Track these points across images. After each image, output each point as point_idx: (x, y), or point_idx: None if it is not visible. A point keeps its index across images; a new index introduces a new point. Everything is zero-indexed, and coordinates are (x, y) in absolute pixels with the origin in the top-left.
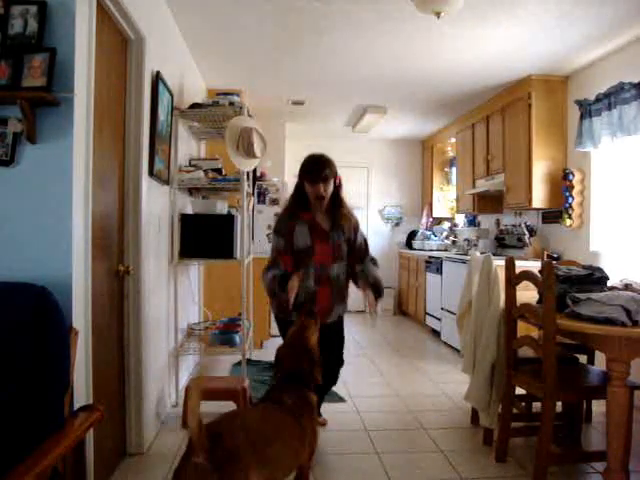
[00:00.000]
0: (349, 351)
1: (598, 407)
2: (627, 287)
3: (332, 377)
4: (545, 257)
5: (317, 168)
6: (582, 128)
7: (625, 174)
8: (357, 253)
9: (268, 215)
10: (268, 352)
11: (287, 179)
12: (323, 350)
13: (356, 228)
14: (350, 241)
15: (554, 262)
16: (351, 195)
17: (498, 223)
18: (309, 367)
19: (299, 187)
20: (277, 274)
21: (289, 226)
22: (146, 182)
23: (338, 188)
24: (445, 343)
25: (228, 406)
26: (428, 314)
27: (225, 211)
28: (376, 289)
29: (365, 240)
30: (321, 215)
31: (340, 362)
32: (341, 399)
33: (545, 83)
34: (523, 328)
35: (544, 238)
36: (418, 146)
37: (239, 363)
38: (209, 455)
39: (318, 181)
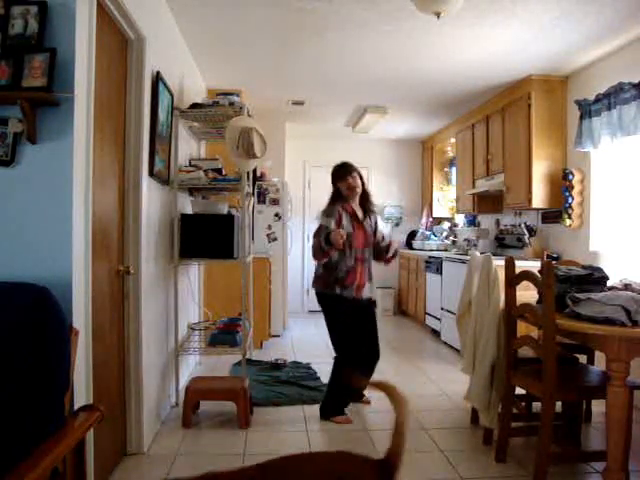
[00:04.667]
0: None
1: (598, 407)
2: (627, 287)
3: (373, 352)
4: (545, 257)
5: (343, 167)
6: (582, 128)
7: (625, 174)
8: (378, 238)
9: (268, 215)
10: (268, 352)
11: (287, 179)
12: (360, 326)
13: (376, 216)
14: (374, 228)
15: (554, 262)
16: None
17: (498, 223)
18: None
19: (335, 190)
20: (322, 234)
21: (338, 212)
22: (146, 182)
23: (364, 185)
24: (445, 343)
25: (228, 406)
26: (428, 314)
27: (225, 211)
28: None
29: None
30: (355, 207)
31: (376, 355)
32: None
33: (545, 83)
34: (523, 328)
35: (544, 238)
36: (418, 146)
37: (239, 363)
38: None
39: (347, 175)
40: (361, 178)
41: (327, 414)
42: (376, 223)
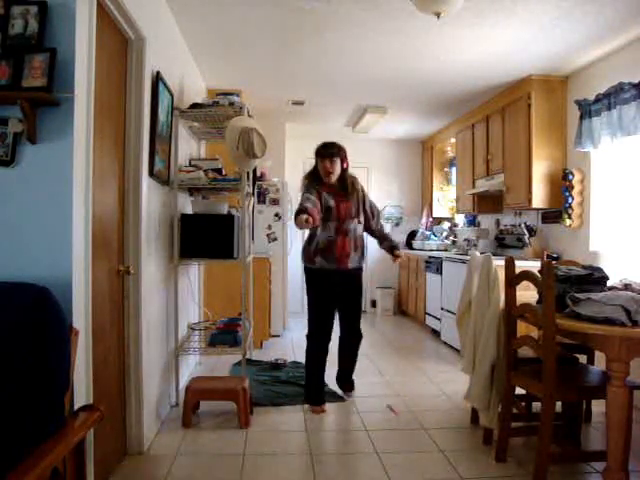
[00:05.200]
0: None
1: (598, 407)
2: (627, 287)
3: (353, 332)
4: (545, 257)
5: (325, 148)
6: (582, 128)
7: (625, 174)
8: (370, 214)
9: (268, 215)
10: (268, 352)
11: (287, 179)
12: (343, 298)
13: (364, 194)
14: (360, 204)
15: (554, 262)
16: None
17: (498, 223)
18: None
19: (314, 166)
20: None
21: (317, 190)
22: (146, 182)
23: (344, 171)
24: (445, 343)
25: (228, 406)
26: (428, 314)
27: (225, 211)
28: (394, 248)
29: (373, 203)
30: (334, 186)
31: (357, 335)
32: (341, 399)
33: (545, 83)
34: (523, 328)
35: (544, 238)
36: (418, 146)
37: (239, 363)
38: None
39: (325, 159)
40: (343, 162)
41: (305, 400)
42: (364, 198)
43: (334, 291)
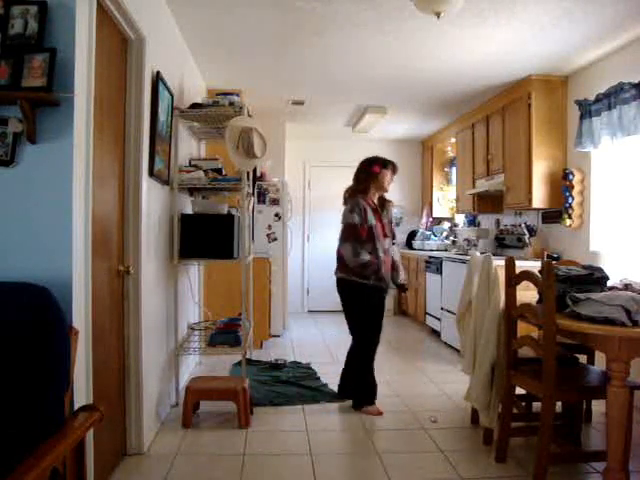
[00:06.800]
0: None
1: (598, 407)
2: (627, 287)
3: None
4: (545, 257)
5: (393, 164)
6: (582, 128)
7: (625, 174)
8: (391, 236)
9: (268, 215)
10: (268, 352)
11: (287, 179)
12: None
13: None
14: (389, 224)
15: (554, 262)
16: None
17: (498, 223)
18: None
19: (369, 176)
20: (369, 261)
21: (363, 206)
22: (146, 182)
23: None
24: (445, 343)
25: (228, 406)
26: (428, 314)
27: (225, 211)
28: (402, 288)
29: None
30: (374, 199)
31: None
32: (340, 399)
33: (545, 83)
34: (523, 328)
35: (544, 238)
36: (418, 146)
37: (239, 363)
38: None
39: (393, 173)
40: None
41: (359, 404)
42: (391, 221)
43: (381, 303)
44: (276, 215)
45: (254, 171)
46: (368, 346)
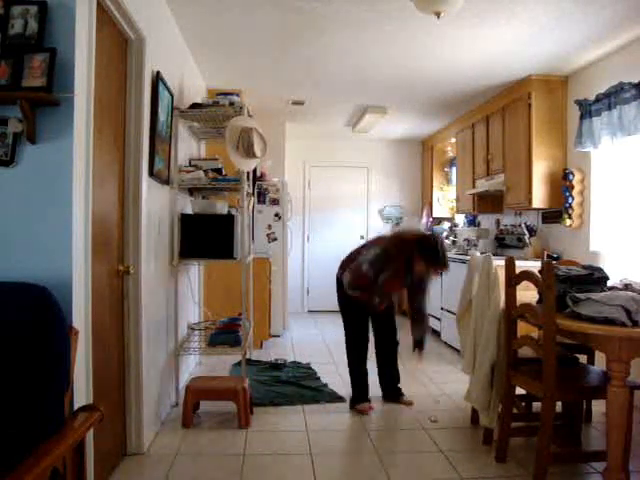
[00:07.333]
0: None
1: (598, 407)
2: (627, 287)
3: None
4: (545, 257)
5: (445, 258)
6: (582, 128)
7: (625, 174)
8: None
9: (268, 215)
10: (268, 352)
11: (287, 179)
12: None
13: None
14: None
15: (554, 262)
16: (351, 195)
17: (498, 223)
18: None
19: (409, 260)
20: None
21: None
22: (146, 182)
23: None
24: (445, 343)
25: (228, 406)
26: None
27: (225, 211)
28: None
29: None
30: None
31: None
32: (341, 399)
33: (545, 83)
34: (523, 328)
35: (544, 238)
36: (418, 146)
37: (239, 363)
38: None
39: (442, 270)
40: None
41: (351, 403)
42: None
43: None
44: (276, 215)
45: (254, 171)
46: (348, 343)
